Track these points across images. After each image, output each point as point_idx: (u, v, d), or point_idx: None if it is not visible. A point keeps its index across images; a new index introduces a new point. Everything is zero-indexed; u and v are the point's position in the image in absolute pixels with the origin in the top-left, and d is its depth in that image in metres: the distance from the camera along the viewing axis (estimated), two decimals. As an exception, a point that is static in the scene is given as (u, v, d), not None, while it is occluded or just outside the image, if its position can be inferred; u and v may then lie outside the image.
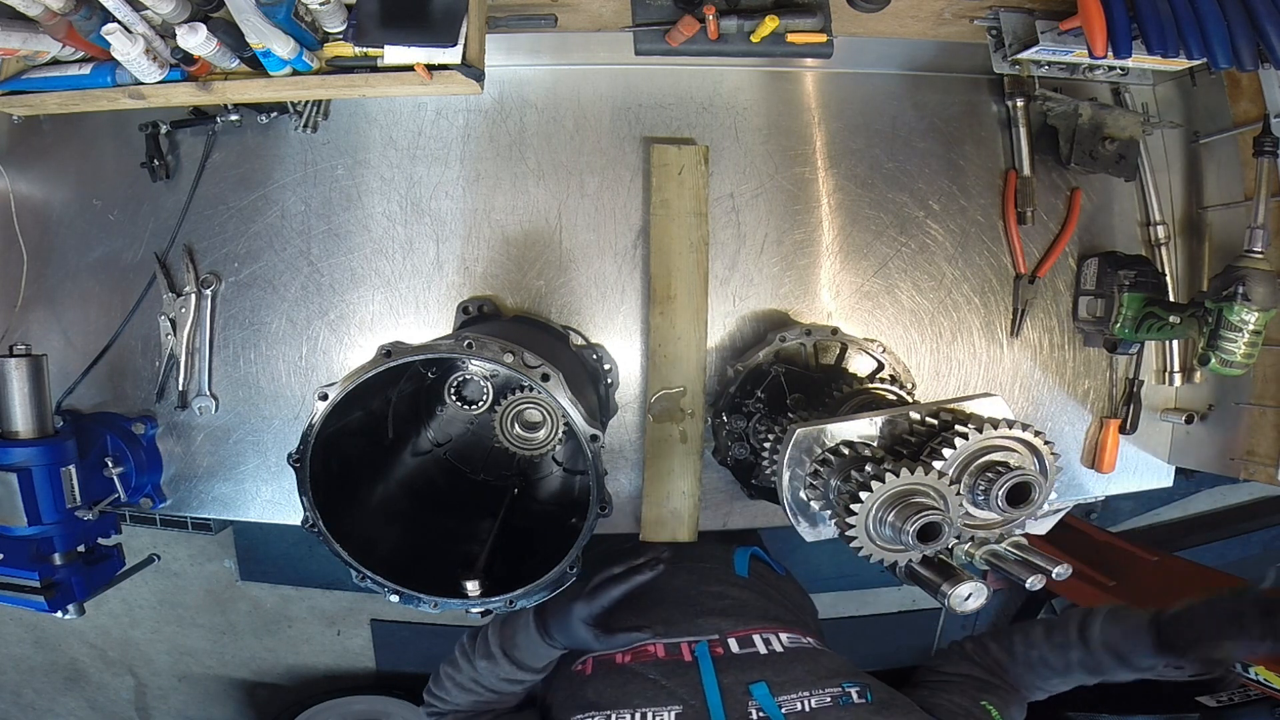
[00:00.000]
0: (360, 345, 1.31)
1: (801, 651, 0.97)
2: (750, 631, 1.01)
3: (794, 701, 0.86)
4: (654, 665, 0.95)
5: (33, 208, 1.33)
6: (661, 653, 0.98)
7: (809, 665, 0.93)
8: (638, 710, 0.88)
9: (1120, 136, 1.30)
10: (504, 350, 0.88)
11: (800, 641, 1.00)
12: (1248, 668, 1.68)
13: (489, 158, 1.30)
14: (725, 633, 1.01)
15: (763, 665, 0.94)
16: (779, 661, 0.95)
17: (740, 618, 1.05)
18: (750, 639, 0.99)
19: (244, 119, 1.28)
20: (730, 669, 0.93)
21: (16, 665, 2.91)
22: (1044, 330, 1.38)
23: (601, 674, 0.97)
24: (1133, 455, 1.42)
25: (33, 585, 1.11)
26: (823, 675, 0.91)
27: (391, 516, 1.12)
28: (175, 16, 0.99)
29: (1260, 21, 1.01)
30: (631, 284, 1.31)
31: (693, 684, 0.91)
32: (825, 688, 0.88)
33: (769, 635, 1.00)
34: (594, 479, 0.90)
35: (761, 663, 0.95)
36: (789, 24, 1.16)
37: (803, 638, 1.01)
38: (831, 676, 0.90)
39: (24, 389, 1.08)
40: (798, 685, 0.89)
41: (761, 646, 0.98)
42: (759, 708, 0.86)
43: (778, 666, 0.93)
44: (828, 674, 0.91)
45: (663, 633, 1.00)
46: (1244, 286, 1.07)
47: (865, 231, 1.33)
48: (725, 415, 1.23)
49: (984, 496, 0.82)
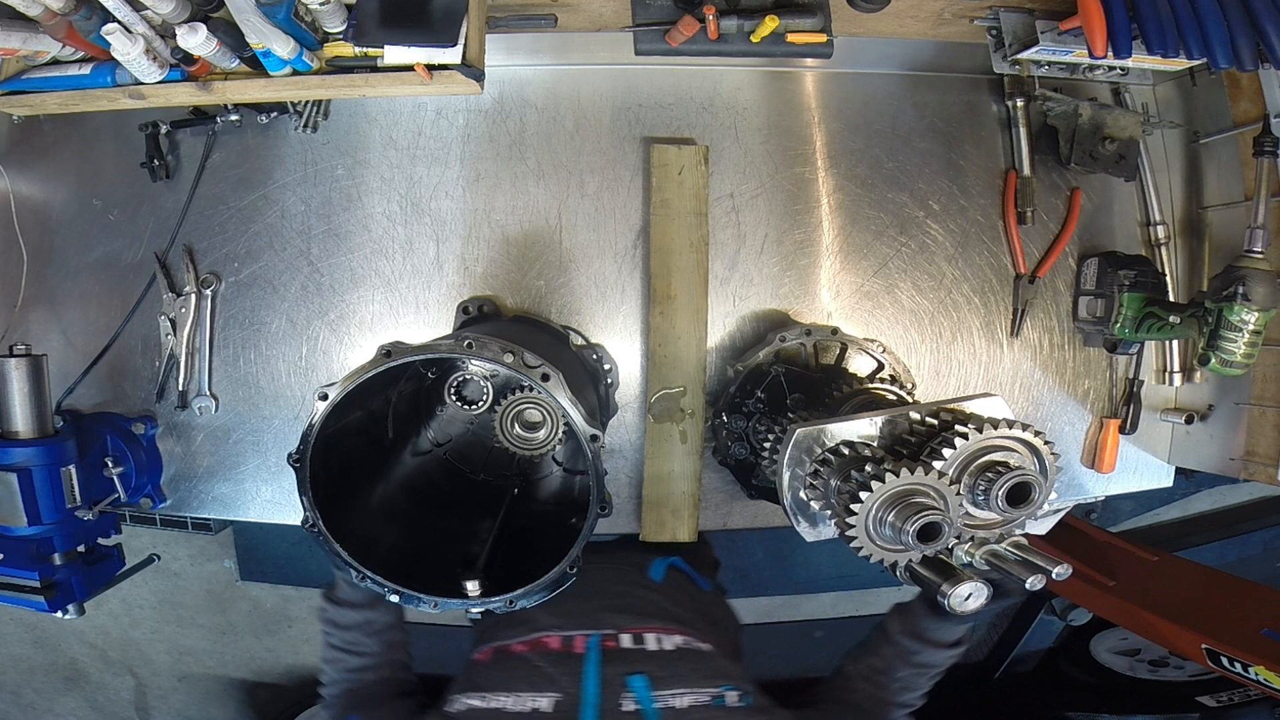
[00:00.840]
0: (360, 345, 1.31)
1: (691, 652, 0.99)
2: (645, 630, 1.03)
3: (670, 697, 0.88)
4: (546, 655, 0.98)
5: (33, 208, 1.33)
6: (556, 644, 1.00)
7: (695, 665, 0.95)
8: (515, 694, 0.90)
9: (1120, 136, 1.30)
10: (504, 350, 0.88)
11: (694, 644, 1.02)
12: (1248, 668, 1.68)
13: (489, 158, 1.30)
14: (622, 628, 1.02)
15: (648, 660, 0.96)
16: (666, 659, 0.97)
17: (640, 615, 1.06)
18: (643, 636, 1.01)
19: (244, 119, 1.28)
20: (616, 662, 0.95)
21: (16, 665, 2.91)
22: (1044, 330, 1.38)
23: (496, 661, 1.00)
24: (1133, 455, 1.42)
25: (33, 585, 1.11)
26: (706, 676, 0.92)
27: (391, 516, 1.12)
28: (175, 16, 1.00)
29: (1260, 21, 1.01)
30: (631, 284, 1.31)
31: (576, 673, 0.93)
32: (705, 688, 0.90)
33: (663, 635, 1.02)
34: (594, 479, 0.90)
35: (648, 658, 0.96)
36: (789, 24, 1.16)
37: (699, 642, 1.03)
38: (714, 678, 0.92)
39: (24, 389, 1.08)
40: (678, 682, 0.90)
41: (653, 644, 1.00)
42: (634, 699, 0.88)
43: (663, 663, 0.95)
44: (711, 675, 0.93)
45: (560, 625, 1.03)
46: (1244, 286, 1.07)
47: (865, 231, 1.33)
48: (725, 415, 1.23)
49: (984, 496, 0.82)
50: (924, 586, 0.85)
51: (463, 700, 0.92)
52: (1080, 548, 2.18)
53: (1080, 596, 2.25)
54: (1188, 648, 1.82)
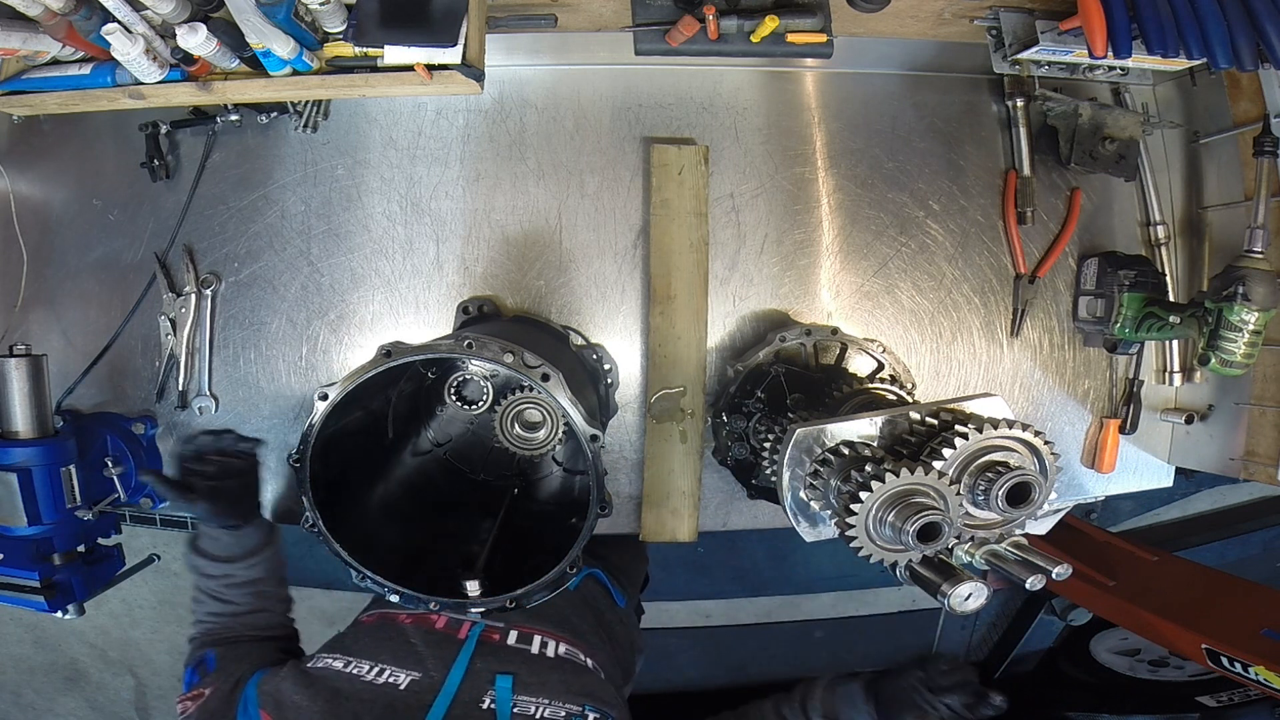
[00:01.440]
0: (360, 345, 1.31)
1: (569, 664, 0.98)
2: (534, 631, 1.02)
3: (529, 705, 0.87)
4: (426, 633, 0.97)
5: (33, 208, 1.33)
6: (442, 624, 1.00)
7: (566, 678, 0.94)
8: (377, 665, 0.90)
9: (1120, 136, 1.30)
10: (504, 350, 0.88)
11: (577, 657, 1.01)
12: (1248, 668, 1.68)
13: (489, 158, 1.30)
14: (511, 624, 1.02)
15: (523, 662, 0.95)
16: (541, 665, 0.96)
17: (534, 615, 1.05)
18: (530, 637, 1.01)
19: (244, 119, 1.28)
20: (491, 656, 0.94)
21: (16, 665, 2.91)
22: (1044, 330, 1.38)
23: (377, 627, 1.00)
24: (1133, 455, 1.42)
25: (33, 585, 1.11)
26: (573, 691, 0.91)
27: (391, 516, 1.12)
28: (175, 16, 0.99)
29: (1260, 21, 1.01)
30: (631, 284, 1.31)
31: (447, 659, 0.92)
32: (567, 703, 0.88)
33: (549, 640, 1.01)
34: (594, 479, 0.90)
35: (524, 660, 0.96)
36: (789, 24, 1.16)
37: (581, 655, 1.02)
38: (581, 695, 0.91)
39: (24, 389, 1.08)
40: (543, 690, 0.90)
41: (535, 647, 0.99)
42: (494, 698, 0.87)
43: (536, 669, 0.94)
44: (579, 691, 0.91)
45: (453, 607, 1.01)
46: (1244, 286, 1.07)
47: (865, 231, 1.33)
48: (725, 415, 1.23)
49: (984, 496, 0.82)
50: (924, 587, 0.85)
51: (325, 658, 0.92)
52: (1080, 548, 2.18)
53: (1080, 596, 2.25)
54: (1188, 648, 1.83)
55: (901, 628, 2.92)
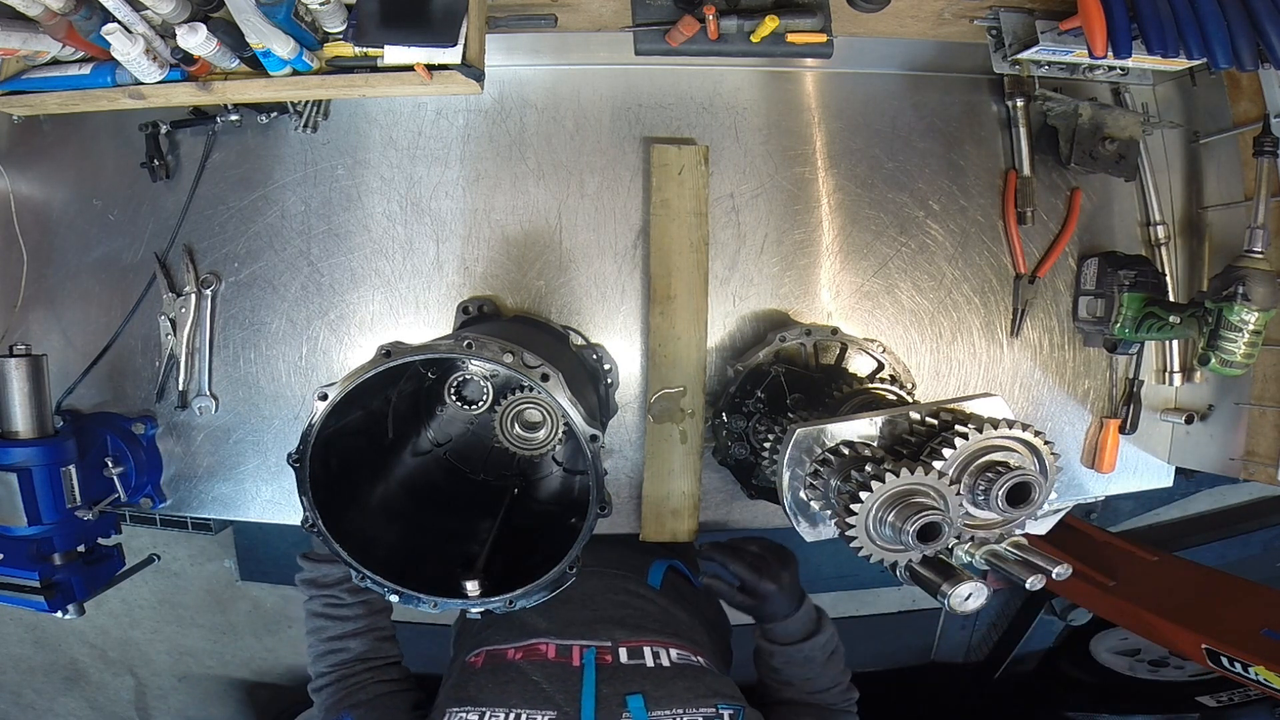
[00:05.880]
0: (360, 345, 1.31)
1: (687, 669, 0.99)
2: (642, 643, 1.03)
3: (667, 717, 0.89)
4: (541, 666, 0.98)
5: (33, 208, 1.33)
6: (552, 654, 1.00)
7: (690, 683, 0.95)
8: (513, 711, 0.90)
9: (1120, 136, 1.30)
10: (504, 350, 0.88)
11: (690, 659, 1.02)
12: (1248, 668, 1.68)
13: (489, 158, 1.30)
14: (618, 641, 1.02)
15: (645, 678, 0.96)
16: (662, 676, 0.97)
17: (637, 628, 1.07)
18: (641, 650, 1.01)
19: (244, 119, 1.28)
20: (613, 679, 0.95)
21: (16, 665, 2.91)
22: (1044, 330, 1.38)
23: (489, 669, 1.00)
24: (1133, 455, 1.42)
25: (33, 585, 1.11)
26: (701, 694, 0.93)
27: (391, 516, 1.12)
28: (175, 16, 0.99)
29: (1260, 21, 1.01)
30: (631, 284, 1.31)
31: (573, 691, 0.93)
32: (700, 707, 0.90)
33: (660, 649, 1.02)
34: (594, 479, 0.90)
35: (644, 675, 0.96)
36: (789, 24, 1.16)
37: (693, 656, 1.03)
38: (709, 696, 0.92)
39: (24, 389, 1.08)
40: (674, 701, 0.91)
41: (650, 659, 1.00)
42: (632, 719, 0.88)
43: (659, 680, 0.95)
44: (706, 694, 0.93)
45: (557, 632, 1.03)
46: (1244, 286, 1.07)
47: (865, 231, 1.33)
48: (725, 415, 1.23)
49: (984, 496, 0.82)
50: (924, 587, 0.85)
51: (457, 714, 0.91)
52: (1080, 548, 2.18)
53: (1080, 596, 2.25)
54: (1188, 648, 1.83)
55: (901, 628, 2.92)
